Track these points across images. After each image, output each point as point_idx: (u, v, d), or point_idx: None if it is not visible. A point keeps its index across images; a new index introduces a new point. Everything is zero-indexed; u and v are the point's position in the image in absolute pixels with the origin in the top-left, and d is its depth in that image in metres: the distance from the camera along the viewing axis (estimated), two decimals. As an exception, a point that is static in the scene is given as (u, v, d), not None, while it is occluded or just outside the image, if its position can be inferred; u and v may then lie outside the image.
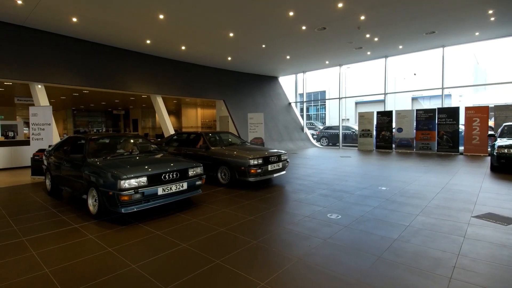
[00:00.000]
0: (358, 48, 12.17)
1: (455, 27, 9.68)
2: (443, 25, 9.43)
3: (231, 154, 6.07)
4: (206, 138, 6.82)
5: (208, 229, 3.75)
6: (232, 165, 5.95)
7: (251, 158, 5.77)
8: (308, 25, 9.11)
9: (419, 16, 8.64)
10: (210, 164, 6.37)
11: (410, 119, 12.18)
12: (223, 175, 6.26)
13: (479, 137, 10.37)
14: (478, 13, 8.40)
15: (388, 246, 3.10)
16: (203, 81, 13.94)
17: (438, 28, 9.71)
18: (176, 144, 7.55)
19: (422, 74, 22.60)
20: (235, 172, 5.91)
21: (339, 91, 16.00)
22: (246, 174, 5.76)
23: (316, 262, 2.78)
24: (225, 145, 6.98)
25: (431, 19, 8.91)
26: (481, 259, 2.77)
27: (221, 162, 6.19)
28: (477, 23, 9.30)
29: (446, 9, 8.15)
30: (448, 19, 8.94)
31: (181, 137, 7.78)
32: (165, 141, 7.93)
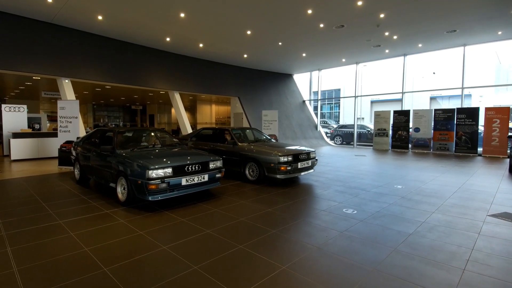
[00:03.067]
0: (376, 46, 12.10)
1: (477, 26, 9.50)
2: (464, 23, 9.28)
3: (260, 151, 6.01)
4: (233, 133, 6.81)
5: (229, 218, 3.98)
6: (261, 161, 5.88)
7: (281, 155, 5.68)
8: (326, 23, 9.17)
9: (440, 14, 8.55)
10: (237, 160, 6.36)
11: (428, 119, 12.04)
12: (251, 172, 6.21)
13: (498, 139, 10.17)
14: (501, 11, 8.23)
15: (403, 240, 3.23)
16: (219, 78, 14.21)
17: (460, 26, 9.56)
18: (202, 139, 7.60)
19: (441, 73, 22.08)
20: (264, 169, 5.84)
21: (355, 89, 15.92)
22: (276, 171, 5.67)
23: (333, 251, 2.96)
24: (251, 141, 6.94)
25: (452, 17, 8.79)
26: (495, 254, 2.86)
27: (249, 158, 6.14)
28: (500, 22, 9.10)
29: (468, 8, 8.03)
30: (470, 18, 8.79)
31: (207, 133, 7.79)
32: (190, 136, 8.01)
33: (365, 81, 26.45)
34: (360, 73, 23.74)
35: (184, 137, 8.00)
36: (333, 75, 27.16)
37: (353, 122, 16.28)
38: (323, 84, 18.31)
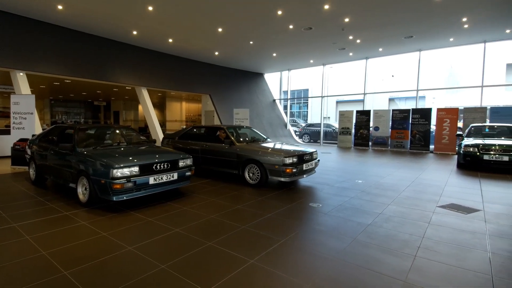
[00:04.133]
0: (341, 49, 12.61)
1: (431, 33, 10.30)
2: (420, 30, 10.00)
3: (262, 151, 5.51)
4: (229, 133, 6.30)
5: (199, 216, 3.94)
6: (263, 163, 5.37)
7: (286, 156, 5.21)
8: (295, 24, 9.37)
9: (399, 21, 9.13)
10: (234, 162, 5.84)
11: (386, 118, 12.83)
12: (251, 174, 5.66)
13: (448, 137, 11.14)
14: (452, 20, 8.98)
15: (362, 230, 3.45)
16: (190, 74, 13.90)
17: (416, 33, 10.29)
18: (191, 138, 6.95)
19: (399, 76, 23.64)
20: (267, 171, 5.35)
21: (321, 90, 16.47)
22: (280, 173, 5.18)
23: (300, 244, 3.06)
24: (248, 141, 6.42)
25: (409, 24, 9.43)
26: (442, 241, 3.16)
27: (250, 160, 5.61)
28: (451, 30, 9.93)
29: (423, 16, 8.66)
30: (425, 25, 9.49)
31: (198, 131, 7.20)
32: (178, 135, 7.32)
33: (331, 82, 27.40)
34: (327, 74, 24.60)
35: (170, 136, 7.51)
36: (302, 76, 27.80)
37: (320, 121, 16.86)
38: (292, 84, 18.72)
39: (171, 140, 7.23)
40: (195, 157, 6.35)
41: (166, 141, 7.44)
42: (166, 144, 7.31)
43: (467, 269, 2.57)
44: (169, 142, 7.28)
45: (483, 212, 4.12)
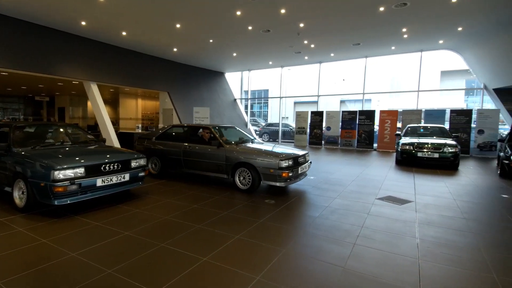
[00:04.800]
0: (297, 53, 13.07)
1: (376, 41, 11.19)
2: (366, 38, 10.81)
3: (255, 153, 4.99)
4: (216, 133, 5.68)
5: (152, 218, 3.81)
6: (257, 166, 4.87)
7: (283, 159, 4.75)
8: (254, 26, 9.47)
9: (348, 29, 9.75)
10: (223, 165, 5.31)
11: (337, 119, 13.66)
12: (241, 179, 5.16)
13: (389, 136, 12.25)
14: (394, 30, 9.85)
15: (311, 222, 3.66)
16: (146, 70, 13.23)
17: (362, 40, 11.09)
18: (171, 139, 6.28)
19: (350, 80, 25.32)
20: (261, 175, 4.87)
21: (280, 91, 16.92)
22: (276, 178, 4.72)
23: (253, 239, 3.14)
24: (236, 142, 5.81)
25: (357, 32, 10.14)
26: (379, 230, 3.49)
27: (240, 163, 5.08)
28: (393, 39, 10.88)
29: (368, 25, 9.36)
30: (370, 34, 10.27)
31: (180, 131, 6.49)
32: (154, 135, 6.58)
33: (289, 83, 28.26)
34: (285, 76, 25.27)
35: (145, 136, 6.72)
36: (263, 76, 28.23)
37: (278, 121, 17.32)
38: (253, 84, 18.92)
39: (146, 141, 6.53)
40: (176, 160, 5.94)
41: (140, 142, 6.66)
42: (141, 145, 6.60)
43: (397, 254, 2.88)
44: (144, 143, 6.56)
45: (414, 203, 4.63)
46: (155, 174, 6.36)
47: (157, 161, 6.33)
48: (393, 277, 2.44)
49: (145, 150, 6.41)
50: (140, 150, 6.36)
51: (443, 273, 2.52)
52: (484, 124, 10.52)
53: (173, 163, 6.04)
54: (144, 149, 6.45)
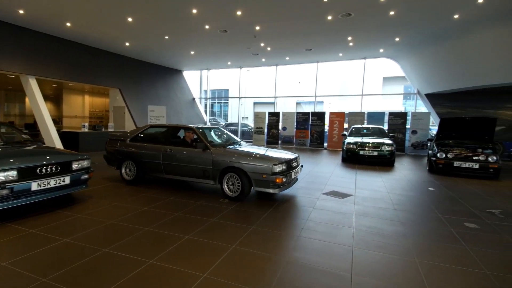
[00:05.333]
0: (255, 54, 13.26)
1: (325, 47, 11.87)
2: (316, 44, 11.40)
3: (245, 157, 4.53)
4: (201, 135, 5.10)
5: (96, 222, 3.58)
6: (248, 171, 4.42)
7: (276, 163, 4.34)
8: (211, 25, 9.37)
9: (300, 34, 10.17)
10: (209, 170, 4.76)
11: (292, 120, 14.19)
12: (230, 185, 4.67)
13: (337, 136, 13.10)
14: (341, 38, 10.54)
15: (263, 217, 3.79)
16: (95, 65, 12.25)
17: (313, 46, 11.68)
18: (150, 141, 5.60)
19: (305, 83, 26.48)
20: (252, 181, 4.43)
21: (239, 91, 17.00)
22: (269, 184, 4.30)
23: (203, 239, 3.14)
24: (223, 144, 5.29)
25: (308, 38, 10.64)
26: (322, 222, 3.74)
27: (229, 168, 4.59)
28: (340, 46, 11.64)
29: (318, 32, 9.86)
30: (320, 41, 10.85)
31: (159, 132, 5.83)
32: (128, 136, 5.81)
33: (249, 84, 28.48)
34: (244, 76, 25.42)
35: (117, 138, 5.91)
36: (223, 76, 28.03)
37: (237, 121, 17.38)
38: (214, 83, 18.71)
39: (119, 143, 5.76)
40: (155, 164, 5.28)
41: (112, 144, 5.86)
42: (112, 147, 5.80)
43: (335, 243, 3.13)
44: (116, 145, 5.77)
45: (354, 197, 5.04)
46: (129, 180, 5.60)
47: (132, 166, 5.58)
48: (330, 265, 2.65)
49: (117, 153, 5.69)
50: (112, 153, 5.80)
51: (373, 259, 2.81)
52: (417, 125, 11.82)
53: (151, 168, 5.34)
54: (116, 152, 5.72)
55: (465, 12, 7.66)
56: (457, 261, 2.79)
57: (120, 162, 5.69)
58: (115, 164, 5.78)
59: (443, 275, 2.53)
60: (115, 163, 5.78)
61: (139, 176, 5.56)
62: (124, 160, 5.67)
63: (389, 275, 2.50)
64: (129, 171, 5.65)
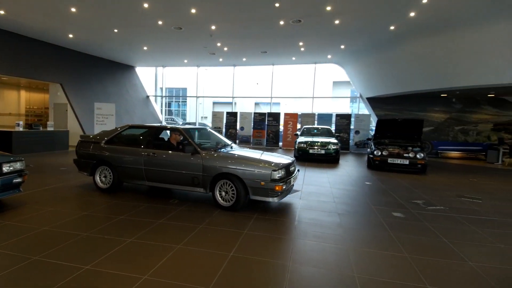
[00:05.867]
0: (212, 54, 13.09)
1: (279, 51, 12.24)
2: (271, 47, 11.69)
3: (241, 162, 4.05)
4: (190, 136, 4.52)
5: (27, 229, 3.22)
6: (244, 178, 3.95)
7: (276, 169, 3.93)
8: (165, 21, 9.01)
9: (254, 36, 10.32)
10: (199, 177, 4.21)
11: (249, 120, 14.37)
12: (223, 193, 4.15)
13: (291, 136, 13.63)
14: (293, 43, 10.95)
15: (212, 217, 3.77)
16: (32, 57, 10.93)
17: (268, 49, 11.96)
18: (129, 143, 4.97)
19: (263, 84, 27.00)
20: (248, 189, 3.96)
21: (196, 90, 16.64)
22: (267, 192, 3.88)
23: (149, 241, 3.03)
24: (213, 147, 4.72)
25: (263, 41, 10.86)
26: (268, 218, 3.85)
27: (222, 174, 4.08)
28: (293, 51, 12.09)
29: (272, 36, 10.11)
30: (274, 44, 11.15)
31: (140, 134, 5.17)
32: (104, 138, 5.05)
33: (207, 83, 28.03)
34: (203, 75, 24.98)
35: (90, 140, 5.13)
36: (181, 74, 27.13)
37: (195, 120, 17.00)
38: (171, 81, 18.03)
39: (93, 146, 5.01)
40: (136, 170, 4.60)
41: (85, 146, 5.08)
42: (85, 150, 5.04)
43: (278, 236, 3.26)
44: (89, 148, 5.00)
45: (301, 192, 5.30)
46: (105, 189, 4.87)
47: (108, 172, 4.86)
48: (271, 256, 2.76)
49: (90, 157, 4.96)
50: (84, 157, 5.05)
51: (310, 247, 3.00)
52: (359, 126, 12.85)
53: (131, 174, 4.65)
54: (89, 156, 4.98)
55: (398, 25, 8.54)
56: (383, 246, 3.11)
57: (94, 168, 4.92)
58: (87, 170, 4.97)
59: (369, 259, 2.80)
60: (87, 169, 4.97)
61: (116, 183, 4.79)
62: (98, 166, 4.90)
63: (323, 262, 2.70)
64: (105, 178, 4.89)
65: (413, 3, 7.10)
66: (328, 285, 2.32)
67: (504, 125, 11.76)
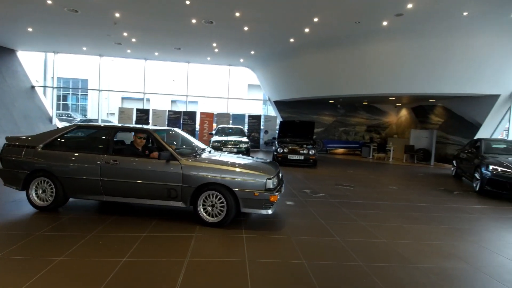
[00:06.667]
0: (117, 44, 11.77)
1: (194, 50, 12.03)
2: (185, 45, 11.37)
3: (229, 169, 3.49)
4: (161, 139, 3.70)
5: None
6: (234, 189, 3.38)
7: (270, 177, 3.45)
8: (55, 1, 7.56)
9: (166, 31, 9.80)
10: (177, 188, 3.46)
11: (163, 118, 13.60)
12: (208, 207, 3.47)
13: (207, 135, 13.59)
14: (207, 43, 10.88)
15: (107, 222, 3.42)
16: None
17: (182, 46, 11.58)
18: (78, 148, 4.03)
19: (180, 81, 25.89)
20: (239, 201, 3.40)
21: (99, 83, 14.63)
22: (261, 203, 3.38)
23: (22, 256, 2.51)
24: (192, 153, 3.93)
25: (176, 37, 10.44)
26: (171, 220, 3.76)
27: (207, 184, 3.43)
28: (207, 50, 12.03)
29: (185, 33, 9.81)
30: (187, 42, 10.86)
31: (93, 136, 4.22)
32: (41, 141, 3.84)
33: (115, 76, 25.04)
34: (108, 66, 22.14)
35: (22, 143, 3.88)
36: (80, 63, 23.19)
37: (97, 117, 14.92)
38: (67, 71, 15.21)
39: (25, 151, 3.77)
40: (89, 182, 3.59)
41: (13, 152, 3.83)
42: (13, 157, 3.80)
43: (177, 235, 3.22)
44: (21, 154, 3.77)
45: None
46: (44, 207, 3.71)
47: (48, 185, 3.70)
48: (168, 254, 2.71)
49: (23, 166, 3.73)
50: (12, 165, 3.79)
51: (208, 240, 3.07)
52: (268, 126, 13.90)
53: (82, 187, 3.66)
54: (20, 164, 3.75)
55: (297, 38, 9.63)
56: (273, 231, 3.47)
57: (28, 180, 3.71)
58: (18, 183, 3.74)
59: (261, 243, 3.09)
60: (18, 182, 3.74)
61: (60, 199, 3.71)
62: (34, 177, 3.72)
63: (219, 253, 2.82)
64: (43, 192, 3.73)
65: (307, 21, 8.14)
66: (220, 271, 2.45)
67: (374, 127, 14.81)
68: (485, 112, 9.37)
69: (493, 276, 2.57)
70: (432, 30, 8.10)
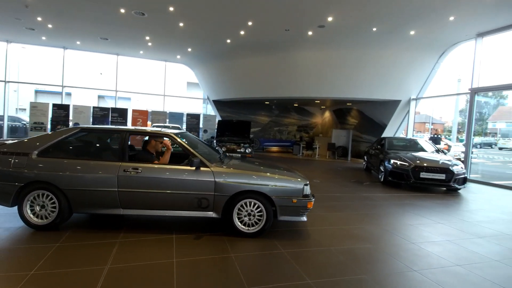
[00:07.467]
0: (30, 29, 9.92)
1: (123, 41, 10.94)
2: (113, 35, 10.24)
3: (266, 176, 3.23)
4: (186, 144, 3.27)
5: None
6: (272, 196, 3.13)
7: (307, 183, 3.29)
8: None
9: (90, 19, 8.66)
10: (209, 197, 3.09)
11: (87, 115, 11.99)
12: (245, 218, 3.18)
13: (141, 134, 12.58)
14: (139, 35, 9.96)
15: None
16: None
17: (110, 37, 10.40)
18: (84, 155, 3.51)
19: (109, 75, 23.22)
20: (277, 208, 3.15)
21: (5, 73, 12.11)
22: (298, 210, 3.19)
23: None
24: (217, 158, 3.59)
25: (102, 27, 9.32)
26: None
27: (243, 193, 3.12)
28: (140, 44, 11.03)
29: (112, 22, 8.79)
30: (116, 32, 9.76)
31: (102, 141, 3.72)
32: (38, 146, 3.12)
33: (27, 66, 21.12)
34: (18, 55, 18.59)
35: (13, 149, 3.09)
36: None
37: (3, 113, 12.34)
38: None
39: (16, 159, 3.03)
40: (104, 194, 3.03)
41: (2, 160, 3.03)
42: (3, 166, 3.01)
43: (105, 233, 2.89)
44: (10, 162, 3.02)
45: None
46: (44, 225, 3.04)
47: (48, 199, 3.03)
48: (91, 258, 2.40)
49: (14, 177, 3.00)
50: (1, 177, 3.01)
51: (137, 238, 2.85)
52: (207, 125, 13.64)
53: (95, 200, 3.06)
54: (10, 175, 3.01)
55: (233, 39, 9.68)
56: (203, 229, 3.42)
57: (21, 195, 3.00)
58: (6, 199, 3.00)
59: (189, 242, 3.00)
60: (6, 197, 3.00)
61: (64, 215, 3.05)
62: (29, 190, 3.01)
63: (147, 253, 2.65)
64: (42, 208, 3.04)
65: (243, 24, 8.26)
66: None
67: (303, 127, 16.01)
68: (389, 115, 11.08)
69: (391, 254, 3.03)
70: (348, 42, 9.16)
